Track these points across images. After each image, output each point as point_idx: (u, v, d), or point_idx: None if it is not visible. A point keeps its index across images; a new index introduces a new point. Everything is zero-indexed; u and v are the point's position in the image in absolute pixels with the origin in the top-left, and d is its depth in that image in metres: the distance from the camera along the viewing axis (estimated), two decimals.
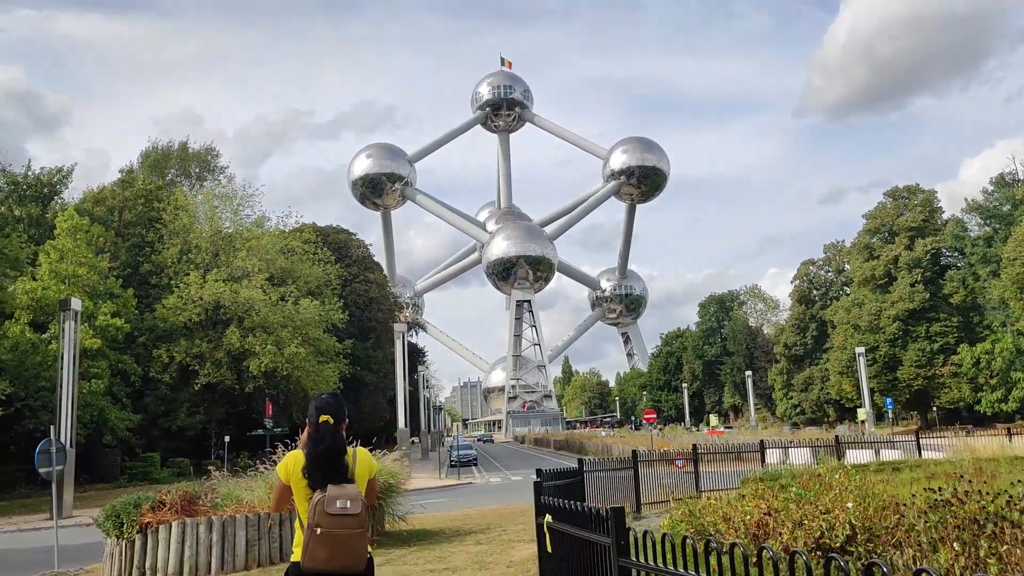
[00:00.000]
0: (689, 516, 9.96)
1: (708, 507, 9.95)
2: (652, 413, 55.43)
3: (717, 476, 22.65)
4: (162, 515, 13.18)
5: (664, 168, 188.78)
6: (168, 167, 77.86)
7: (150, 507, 13.37)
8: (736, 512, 9.18)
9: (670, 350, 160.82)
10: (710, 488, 20.52)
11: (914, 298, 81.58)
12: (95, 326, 45.70)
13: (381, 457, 16.48)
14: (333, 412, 5.66)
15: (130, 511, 13.25)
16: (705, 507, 10.00)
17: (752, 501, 9.54)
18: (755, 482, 15.67)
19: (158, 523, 13.05)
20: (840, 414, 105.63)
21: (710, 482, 22.03)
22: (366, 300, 75.16)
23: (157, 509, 13.35)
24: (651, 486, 19.07)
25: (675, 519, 10.57)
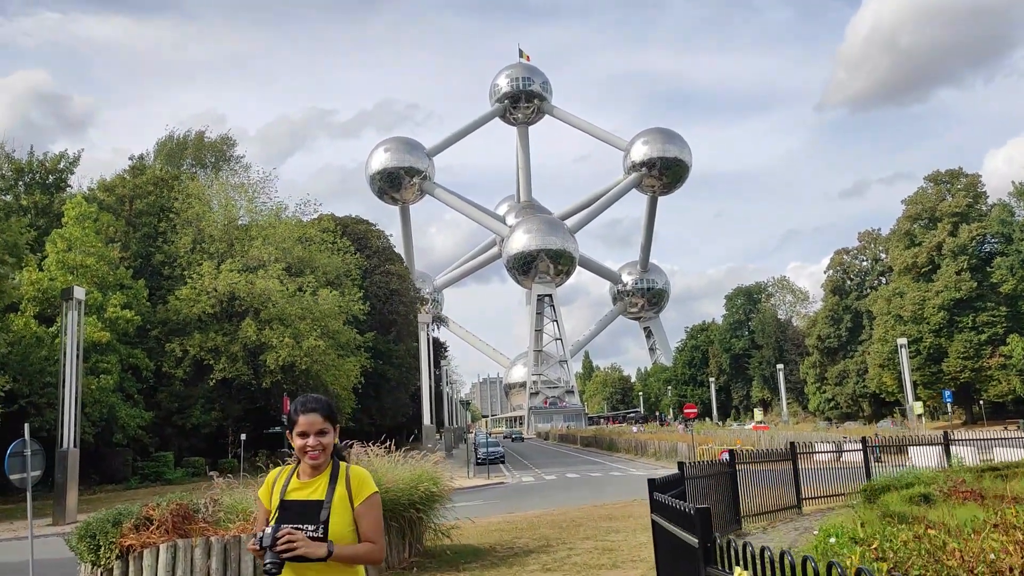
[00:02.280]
0: (877, 550, 6.96)
1: (908, 541, 6.94)
2: (692, 407, 52.28)
3: (816, 478, 19.11)
4: (148, 535, 10.34)
5: (686, 159, 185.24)
6: (184, 157, 75.54)
7: (133, 525, 10.52)
8: (971, 550, 6.17)
9: (695, 343, 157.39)
10: (813, 495, 17.62)
11: (960, 287, 77.88)
12: (104, 318, 43.21)
13: (421, 459, 13.62)
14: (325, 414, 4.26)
15: (108, 531, 10.43)
16: (905, 541, 6.98)
17: (993, 535, 6.53)
18: (894, 492, 12.65)
19: (142, 546, 10.20)
20: (877, 408, 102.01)
21: (808, 485, 18.55)
22: (387, 292, 72.40)
23: (142, 528, 10.50)
24: (752, 491, 15.99)
25: (843, 545, 7.64)
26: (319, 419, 4.17)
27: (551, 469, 54.12)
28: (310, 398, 4.32)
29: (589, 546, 14.22)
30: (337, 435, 4.33)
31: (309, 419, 4.16)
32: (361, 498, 4.08)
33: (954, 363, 78.65)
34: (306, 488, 4.14)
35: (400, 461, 12.68)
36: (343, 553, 3.96)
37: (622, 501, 25.52)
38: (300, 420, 4.18)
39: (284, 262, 53.05)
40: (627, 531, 16.11)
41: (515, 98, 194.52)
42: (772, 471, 16.16)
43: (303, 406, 4.24)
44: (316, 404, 4.25)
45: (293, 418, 4.22)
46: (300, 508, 4.06)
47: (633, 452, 64.83)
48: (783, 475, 16.59)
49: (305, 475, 4.20)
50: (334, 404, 4.51)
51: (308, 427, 4.15)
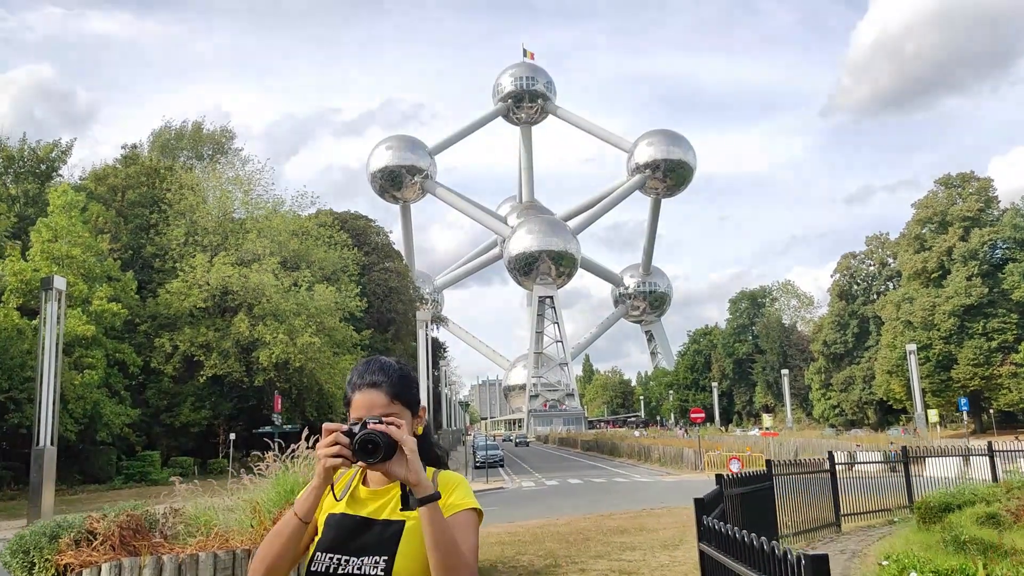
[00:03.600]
0: None
1: None
2: (700, 412, 50.65)
3: (851, 491, 16.99)
4: (89, 553, 8.68)
5: (690, 161, 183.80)
6: (180, 148, 73.90)
7: (73, 540, 8.87)
8: None
9: (698, 348, 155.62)
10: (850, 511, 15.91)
11: (971, 293, 76.15)
12: (89, 311, 41.56)
13: None
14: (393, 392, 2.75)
15: (43, 546, 8.79)
16: None
17: None
18: (957, 512, 10.99)
19: (81, 565, 8.55)
20: (882, 415, 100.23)
21: (844, 499, 16.56)
22: (385, 290, 70.70)
23: (84, 543, 8.86)
24: (788, 506, 14.19)
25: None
26: (383, 398, 2.74)
27: (552, 474, 52.48)
28: (373, 363, 2.86)
29: (603, 567, 12.56)
30: (420, 424, 2.83)
31: (368, 398, 2.75)
32: (452, 511, 2.65)
33: (964, 370, 76.92)
34: (372, 500, 2.75)
35: None
36: (439, 521, 2.53)
37: (631, 511, 23.86)
38: (356, 399, 2.78)
39: (279, 256, 51.44)
40: (644, 548, 14.47)
41: (518, 97, 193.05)
42: (808, 483, 14.47)
43: (361, 376, 2.81)
44: (381, 375, 2.79)
45: (347, 395, 2.83)
46: (356, 526, 2.68)
47: (636, 457, 63.14)
48: (819, 488, 14.89)
49: (374, 481, 2.79)
50: (412, 375, 2.89)
51: (366, 410, 2.71)
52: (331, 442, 2.56)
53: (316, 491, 2.64)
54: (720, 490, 8.39)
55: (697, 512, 5.88)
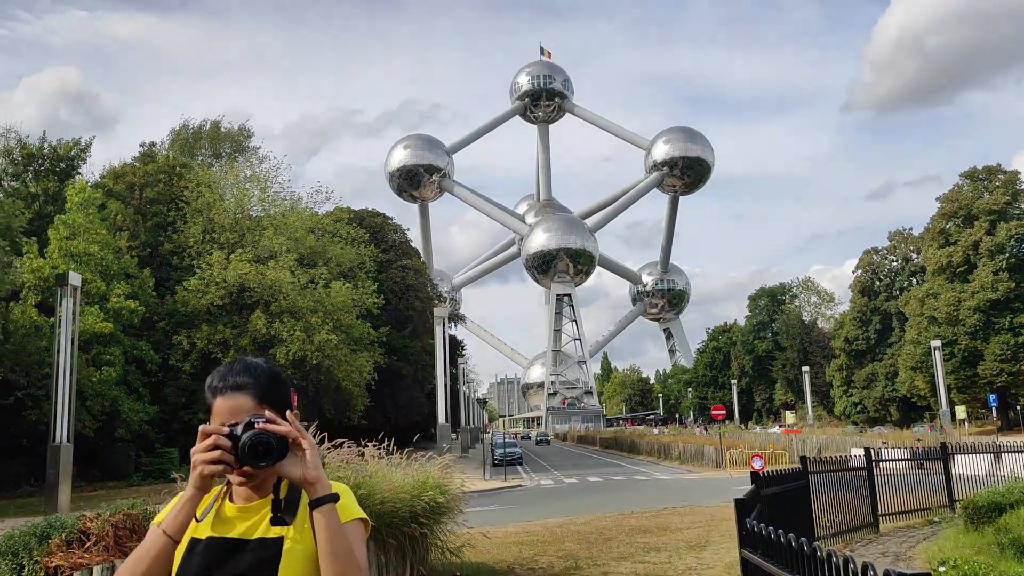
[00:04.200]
0: None
1: None
2: (721, 408, 49.95)
3: (887, 489, 16.14)
4: (80, 554, 8.29)
5: (708, 159, 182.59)
6: (199, 147, 73.97)
7: (64, 540, 8.48)
8: None
9: (717, 345, 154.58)
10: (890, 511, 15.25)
11: (997, 287, 74.83)
12: (107, 309, 41.49)
13: (425, 461, 11.52)
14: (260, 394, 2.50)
15: (32, 547, 8.41)
16: None
17: None
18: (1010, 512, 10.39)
19: (72, 568, 8.15)
20: (905, 412, 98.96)
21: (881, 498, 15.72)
22: (403, 287, 70.41)
23: (76, 544, 8.47)
24: (824, 505, 13.49)
25: None
26: (250, 402, 2.46)
27: (571, 472, 52.02)
28: (237, 364, 2.61)
29: (627, 570, 12.05)
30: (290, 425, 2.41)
31: (232, 403, 2.48)
32: (344, 520, 2.42)
33: (990, 366, 75.64)
34: (242, 519, 2.44)
35: (401, 464, 10.61)
36: (337, 526, 2.32)
37: (652, 509, 23.33)
38: (217, 405, 2.51)
39: (296, 253, 51.18)
40: (668, 550, 13.96)
41: (536, 96, 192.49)
42: (843, 482, 13.88)
43: (223, 379, 2.55)
44: (246, 376, 2.53)
45: (208, 401, 2.57)
46: (226, 550, 2.37)
47: (656, 455, 62.52)
48: (854, 486, 14.27)
49: (241, 497, 2.50)
50: (283, 375, 2.63)
51: (231, 417, 2.44)
52: (210, 445, 2.26)
53: (190, 504, 2.32)
54: (756, 490, 7.86)
55: (739, 515, 5.38)
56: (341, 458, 9.42)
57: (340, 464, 9.26)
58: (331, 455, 9.39)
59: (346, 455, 9.59)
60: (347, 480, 8.97)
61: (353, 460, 9.69)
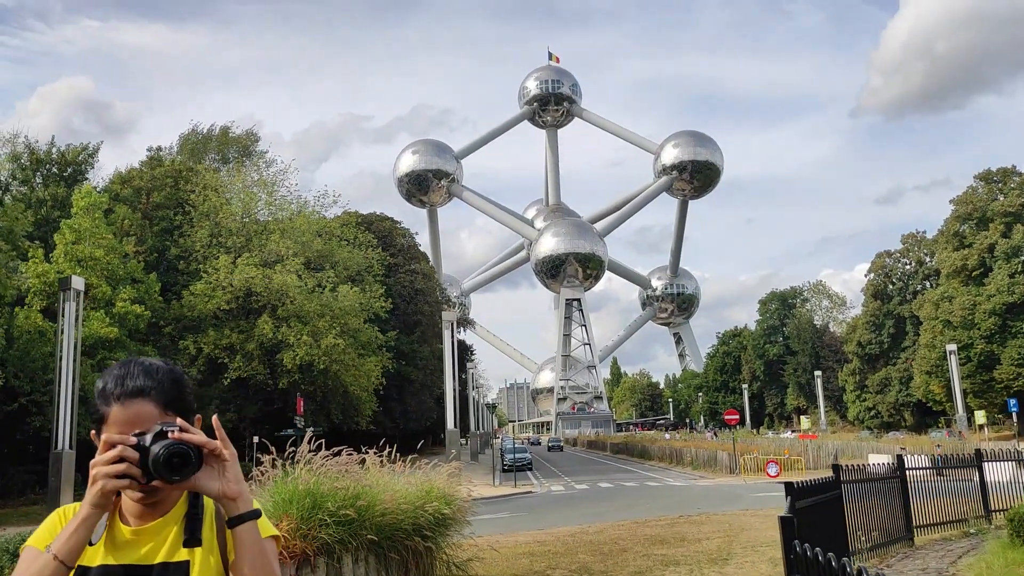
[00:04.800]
0: None
1: None
2: (734, 413, 49.17)
3: (919, 499, 15.19)
4: None
5: (717, 162, 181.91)
6: (207, 151, 73.76)
7: None
8: None
9: (727, 350, 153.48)
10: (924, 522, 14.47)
11: (1013, 290, 73.74)
12: (113, 314, 41.05)
13: (430, 468, 10.92)
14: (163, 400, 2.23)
15: (4, 566, 7.84)
16: None
17: None
18: None
19: None
20: (920, 417, 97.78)
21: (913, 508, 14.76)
22: (411, 291, 69.91)
23: None
24: (858, 517, 12.66)
25: None
26: (153, 409, 2.15)
27: (581, 477, 51.33)
28: (133, 366, 2.27)
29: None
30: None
31: (132, 410, 2.13)
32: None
33: (1007, 371, 74.49)
34: (139, 542, 2.14)
35: (405, 473, 10.01)
36: (259, 543, 2.11)
37: (667, 517, 22.65)
38: (114, 413, 2.14)
39: (303, 257, 50.72)
40: (688, 563, 13.29)
41: (544, 101, 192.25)
42: (876, 491, 13.16)
43: (120, 383, 2.18)
44: (146, 380, 2.20)
45: (99, 410, 2.20)
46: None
47: (668, 460, 61.75)
48: (887, 495, 13.54)
49: (135, 516, 2.17)
50: (185, 378, 2.30)
51: (130, 426, 2.10)
52: (113, 457, 1.94)
53: (86, 524, 1.97)
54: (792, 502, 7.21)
55: (784, 535, 4.78)
56: (339, 467, 8.83)
57: (338, 474, 8.67)
58: (329, 463, 8.81)
59: (345, 463, 9.01)
60: (346, 490, 8.39)
61: (353, 468, 9.10)
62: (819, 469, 46.25)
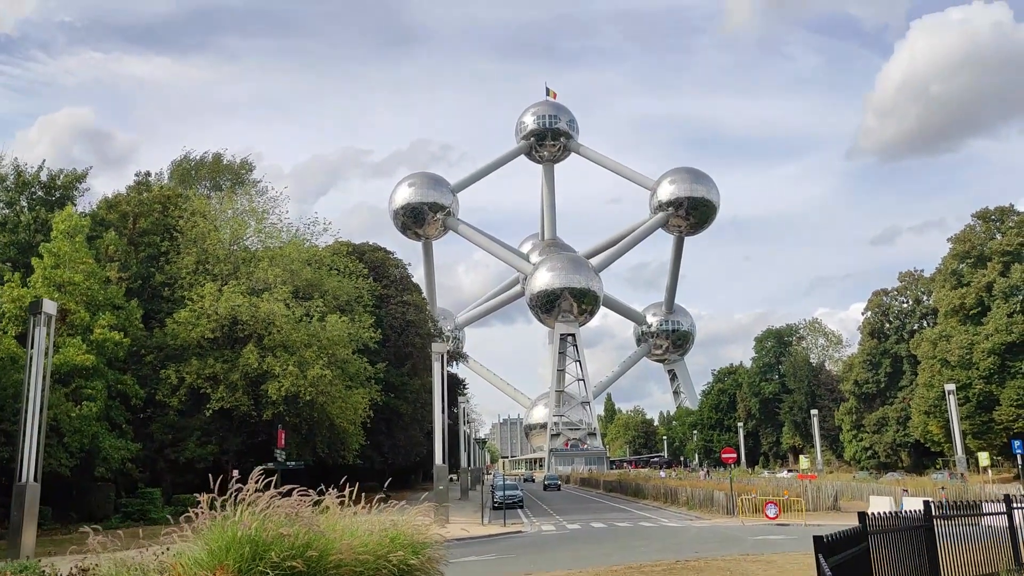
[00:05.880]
0: None
1: None
2: (732, 452, 47.82)
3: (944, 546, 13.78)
4: None
5: (714, 199, 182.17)
6: (199, 178, 72.87)
7: None
8: None
9: (722, 387, 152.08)
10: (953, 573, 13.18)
11: (1012, 330, 72.73)
12: (90, 340, 39.75)
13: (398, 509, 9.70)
14: None
15: None
16: None
17: None
18: None
19: None
20: (917, 458, 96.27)
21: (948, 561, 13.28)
22: (403, 323, 68.72)
23: None
24: (884, 568, 11.28)
25: None
26: None
27: (574, 516, 49.77)
28: None
29: None
30: None
31: None
32: None
33: (1007, 412, 73.22)
34: None
35: (370, 514, 8.78)
36: None
37: (664, 562, 21.31)
38: None
39: (291, 285, 49.56)
40: None
41: (541, 135, 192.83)
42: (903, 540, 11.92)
43: None
44: None
45: None
46: None
47: (663, 499, 60.14)
48: (913, 545, 12.26)
49: None
50: None
51: None
52: None
53: None
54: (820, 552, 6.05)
55: None
56: (289, 509, 7.62)
57: (287, 517, 7.46)
58: (277, 504, 7.60)
59: (296, 505, 7.78)
60: (294, 538, 7.17)
61: (306, 511, 7.88)
62: (819, 511, 44.92)
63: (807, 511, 40.70)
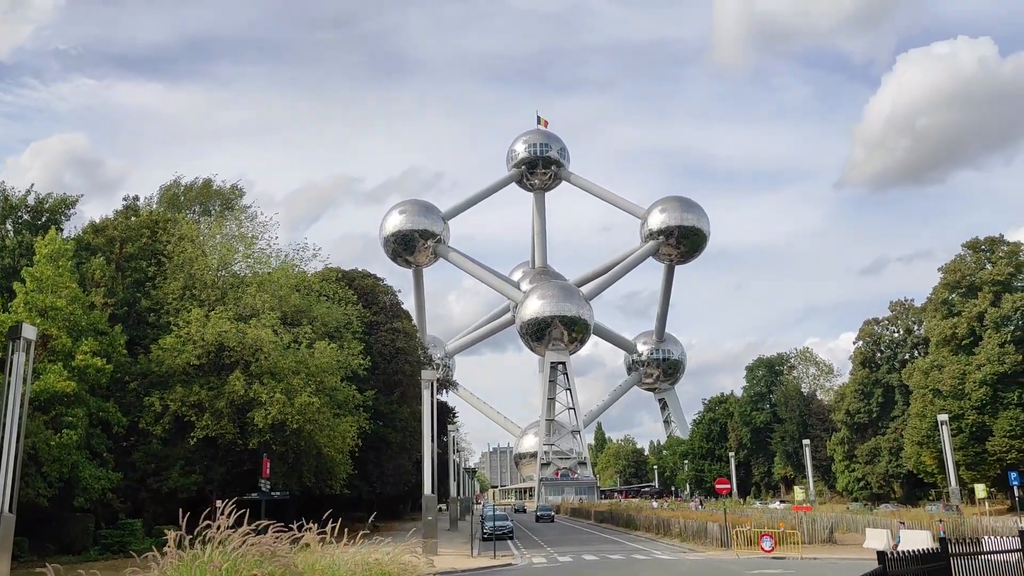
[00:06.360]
0: None
1: None
2: (725, 482, 47.17)
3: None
4: None
5: (704, 228, 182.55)
6: (188, 203, 72.23)
7: None
8: None
9: (713, 416, 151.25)
10: None
11: (1004, 360, 72.58)
12: (72, 367, 38.92)
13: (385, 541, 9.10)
14: None
15: None
16: None
17: None
18: None
19: None
20: (910, 489, 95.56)
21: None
22: (392, 350, 67.96)
23: None
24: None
25: None
26: None
27: (565, 548, 48.87)
28: None
29: None
30: None
31: None
32: None
33: (999, 443, 72.86)
34: None
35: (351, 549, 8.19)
36: None
37: None
38: None
39: (279, 311, 48.88)
40: None
41: (532, 164, 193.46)
42: None
43: None
44: None
45: None
46: None
47: (655, 531, 59.23)
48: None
49: None
50: None
51: None
52: None
53: None
54: None
55: None
56: (263, 547, 7.01)
57: (261, 556, 6.86)
58: (252, 542, 7.00)
59: (271, 543, 7.18)
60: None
61: (283, 548, 7.29)
62: (815, 544, 44.19)
63: (803, 543, 39.99)
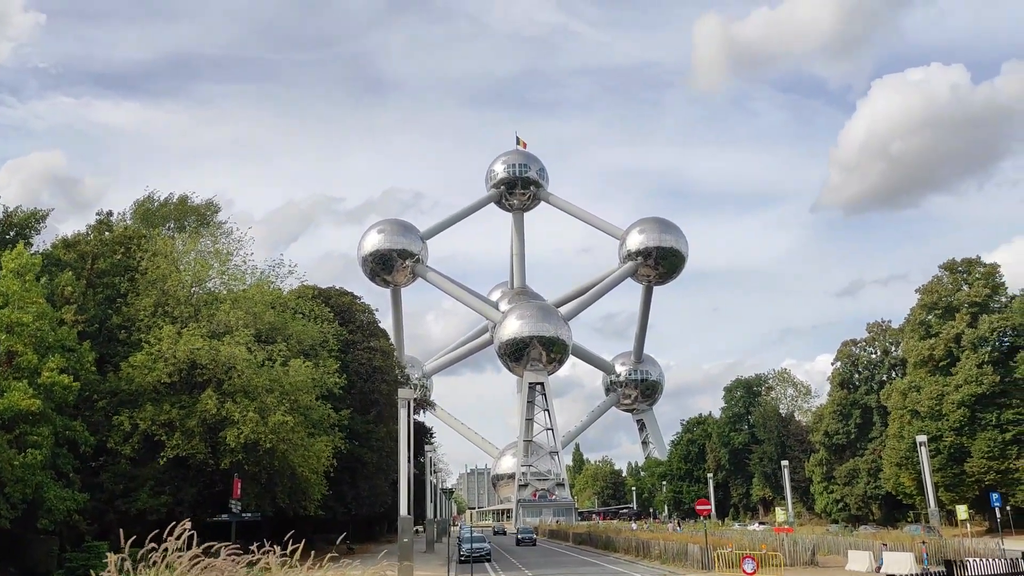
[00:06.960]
0: None
1: None
2: (706, 503, 46.65)
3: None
4: None
5: (682, 249, 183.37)
6: (163, 219, 71.05)
7: None
8: None
9: (691, 437, 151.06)
10: None
11: (982, 381, 72.88)
12: (37, 384, 37.76)
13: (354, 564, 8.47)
14: None
15: None
16: None
17: None
18: None
19: None
20: (888, 511, 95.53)
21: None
22: (369, 369, 67.05)
23: None
24: None
25: None
26: None
27: (543, 571, 48.13)
28: None
29: None
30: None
31: None
32: None
33: (977, 464, 72.97)
34: None
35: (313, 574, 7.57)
36: None
37: None
38: None
39: (254, 328, 47.96)
40: None
41: (511, 184, 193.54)
42: None
43: None
44: None
45: None
46: None
47: (634, 553, 58.55)
48: None
49: None
50: None
51: None
52: None
53: None
54: None
55: None
56: (213, 572, 6.39)
57: None
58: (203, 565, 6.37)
59: (225, 566, 6.56)
60: None
61: (236, 571, 6.67)
62: (796, 566, 43.73)
63: (785, 566, 39.51)
